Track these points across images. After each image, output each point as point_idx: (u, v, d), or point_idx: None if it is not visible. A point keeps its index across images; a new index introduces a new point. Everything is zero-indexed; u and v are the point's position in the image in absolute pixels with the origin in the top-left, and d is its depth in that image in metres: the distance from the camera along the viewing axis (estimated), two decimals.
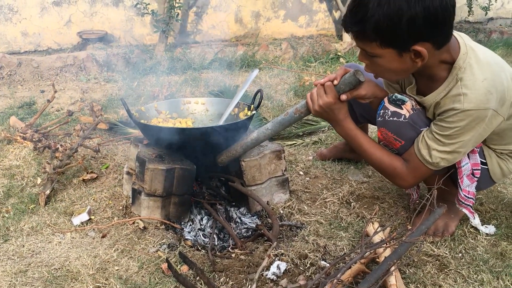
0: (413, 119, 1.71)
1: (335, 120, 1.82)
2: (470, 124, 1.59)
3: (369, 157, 1.84)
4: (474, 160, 1.79)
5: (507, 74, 1.64)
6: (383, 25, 1.47)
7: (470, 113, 1.57)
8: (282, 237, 1.92)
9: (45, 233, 1.97)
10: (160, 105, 2.34)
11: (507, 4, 6.39)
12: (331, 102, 1.75)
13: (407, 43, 1.52)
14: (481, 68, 1.59)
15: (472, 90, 1.56)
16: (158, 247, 1.86)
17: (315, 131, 3.08)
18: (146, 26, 5.09)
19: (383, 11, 1.46)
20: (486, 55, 1.65)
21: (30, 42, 4.82)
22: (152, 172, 1.94)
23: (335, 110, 1.78)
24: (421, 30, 1.48)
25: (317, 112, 1.81)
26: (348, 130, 1.83)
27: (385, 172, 1.84)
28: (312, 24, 5.78)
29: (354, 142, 1.85)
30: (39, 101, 3.72)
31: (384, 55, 1.57)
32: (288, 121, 1.93)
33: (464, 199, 1.81)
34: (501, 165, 1.85)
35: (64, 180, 2.41)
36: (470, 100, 1.56)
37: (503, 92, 1.60)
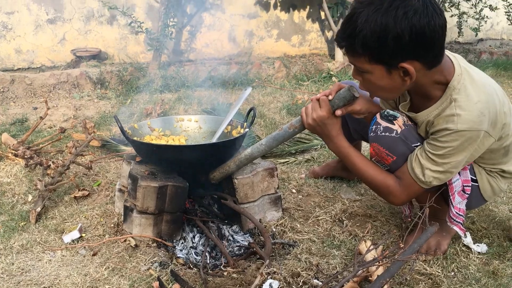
0: (404, 134, 1.72)
1: (328, 136, 1.83)
2: (463, 144, 1.61)
3: (362, 175, 1.85)
4: (465, 177, 1.80)
5: (499, 96, 1.67)
6: (370, 41, 1.50)
7: (464, 133, 1.59)
8: (274, 255, 1.91)
9: (35, 251, 1.95)
10: (153, 122, 2.34)
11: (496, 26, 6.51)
12: (324, 116, 1.77)
13: (394, 60, 1.54)
14: (475, 89, 1.61)
15: (466, 111, 1.58)
16: (149, 265, 1.85)
17: (308, 149, 3.09)
18: (140, 44, 5.12)
19: (371, 27, 1.48)
20: (480, 77, 1.68)
21: (23, 59, 4.83)
22: (144, 189, 1.93)
23: (328, 125, 1.80)
24: (407, 48, 1.50)
25: (311, 126, 1.82)
26: (341, 147, 1.85)
27: (378, 190, 1.85)
28: (304, 43, 5.84)
29: (347, 159, 1.86)
30: (32, 118, 3.71)
31: (373, 71, 1.60)
32: (283, 136, 1.94)
33: (455, 216, 1.82)
34: (491, 183, 1.86)
35: (56, 197, 2.39)
36: (463, 121, 1.58)
37: (495, 114, 1.63)
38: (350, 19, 1.55)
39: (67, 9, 4.84)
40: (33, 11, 4.74)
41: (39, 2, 4.74)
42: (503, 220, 2.19)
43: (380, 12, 1.47)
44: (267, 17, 5.61)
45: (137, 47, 5.15)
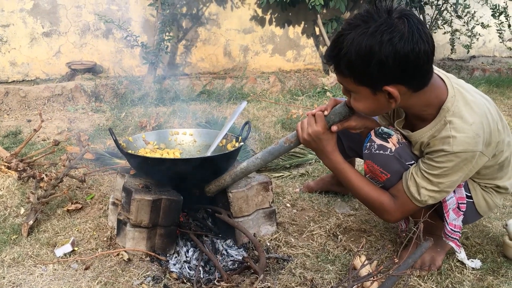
0: (399, 152, 1.73)
1: (323, 151, 1.84)
2: (458, 165, 1.63)
3: (357, 191, 1.85)
4: (460, 194, 1.80)
5: (493, 115, 1.69)
6: (355, 63, 1.52)
7: (459, 155, 1.61)
8: (269, 270, 1.90)
9: (27, 265, 1.92)
10: (147, 135, 2.34)
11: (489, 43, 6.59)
12: (319, 131, 1.79)
13: (378, 84, 1.55)
14: (469, 111, 1.62)
15: (461, 133, 1.59)
16: (142, 280, 1.83)
17: (302, 164, 3.09)
18: (136, 57, 5.14)
19: (355, 50, 1.49)
20: (473, 96, 1.69)
21: (18, 72, 4.83)
22: (138, 203, 1.92)
23: (323, 140, 1.81)
24: (391, 73, 1.51)
25: (306, 141, 1.83)
26: (335, 163, 1.85)
27: (372, 207, 1.85)
28: (299, 58, 5.89)
29: (341, 175, 1.87)
30: (25, 131, 3.70)
31: (359, 92, 1.61)
32: (278, 151, 1.94)
33: (451, 232, 1.82)
34: (486, 198, 1.87)
35: (48, 210, 2.37)
36: (459, 143, 1.59)
37: (490, 134, 1.65)
38: (337, 40, 1.55)
39: (63, 22, 4.86)
40: (28, 24, 4.76)
41: (35, 15, 4.76)
42: (497, 236, 2.19)
43: (365, 36, 1.47)
44: (262, 32, 5.65)
45: (133, 61, 5.16)
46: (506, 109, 4.49)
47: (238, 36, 5.55)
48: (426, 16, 5.66)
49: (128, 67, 5.16)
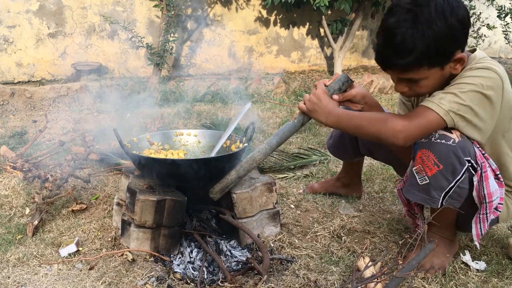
0: (460, 145, 1.66)
1: (325, 111, 1.83)
2: (485, 81, 1.61)
3: (361, 120, 1.77)
4: (501, 194, 1.77)
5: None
6: (430, 47, 1.58)
7: (482, 70, 1.63)
8: (272, 271, 1.90)
9: (32, 265, 1.93)
10: (152, 136, 2.35)
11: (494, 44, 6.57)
12: (319, 92, 1.84)
13: (450, 56, 1.63)
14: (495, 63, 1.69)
15: (485, 60, 1.68)
16: (146, 280, 1.84)
17: (307, 165, 3.09)
18: (141, 58, 5.15)
19: (423, 37, 1.56)
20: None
21: (24, 72, 4.85)
22: (142, 203, 1.93)
23: (323, 99, 1.83)
24: (458, 39, 1.62)
25: (309, 107, 1.86)
26: (338, 113, 1.82)
27: (376, 121, 1.72)
28: (304, 59, 5.89)
29: (345, 119, 1.81)
30: (31, 131, 3.72)
31: (430, 75, 1.66)
32: (283, 131, 1.93)
33: (484, 232, 1.81)
34: (508, 204, 1.86)
35: (53, 210, 2.39)
36: (488, 63, 1.65)
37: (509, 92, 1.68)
38: (403, 38, 1.59)
39: (68, 23, 4.88)
40: (34, 25, 4.78)
41: (40, 16, 4.78)
42: (502, 238, 2.18)
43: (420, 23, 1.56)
44: (267, 34, 5.66)
45: (137, 62, 5.18)
46: None
47: (242, 37, 5.56)
48: None
49: (133, 68, 5.17)
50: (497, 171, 1.76)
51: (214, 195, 2.04)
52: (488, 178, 1.71)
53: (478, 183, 1.72)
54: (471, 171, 1.71)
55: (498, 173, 1.76)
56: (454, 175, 1.69)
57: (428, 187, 1.74)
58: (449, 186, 1.71)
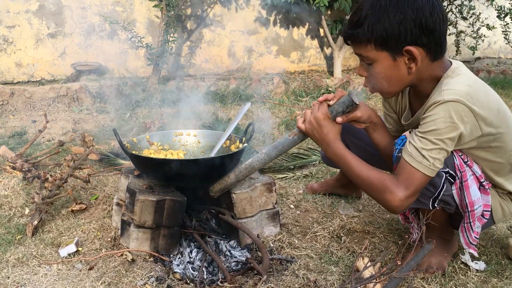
0: None
1: (324, 140, 1.76)
2: (451, 116, 1.56)
3: (357, 175, 1.73)
4: (486, 202, 1.76)
5: (495, 96, 1.71)
6: (377, 25, 1.57)
7: (451, 104, 1.55)
8: (272, 271, 1.90)
9: (31, 265, 1.93)
10: (152, 136, 2.35)
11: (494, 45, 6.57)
12: (320, 117, 1.74)
13: (399, 44, 1.57)
14: (469, 79, 1.64)
15: (454, 86, 1.58)
16: (146, 280, 1.84)
17: (306, 165, 3.09)
18: (140, 59, 5.15)
19: (376, 13, 1.56)
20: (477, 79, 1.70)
21: (23, 72, 4.85)
22: (142, 203, 1.93)
23: (324, 127, 1.75)
24: (412, 32, 1.55)
25: (308, 129, 1.78)
26: (337, 150, 1.76)
27: (373, 187, 1.68)
28: (304, 60, 5.89)
29: (342, 161, 1.76)
30: (30, 131, 3.72)
31: (379, 59, 1.62)
32: (282, 144, 1.90)
33: (474, 240, 1.80)
34: (503, 205, 1.85)
35: (53, 210, 2.39)
36: (451, 93, 1.56)
37: (487, 105, 1.61)
38: (357, 8, 1.63)
39: (68, 23, 4.88)
40: (34, 25, 4.78)
41: (40, 16, 4.78)
42: (502, 238, 2.18)
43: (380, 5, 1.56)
44: (267, 34, 5.66)
45: (137, 62, 5.18)
46: None
47: (242, 37, 5.56)
48: None
49: (133, 68, 5.17)
50: (482, 178, 1.74)
51: (214, 193, 2.07)
52: (469, 187, 1.71)
53: (460, 191, 1.74)
54: (450, 180, 1.71)
55: (482, 181, 1.75)
56: (434, 187, 1.71)
57: None
58: (434, 195, 1.73)
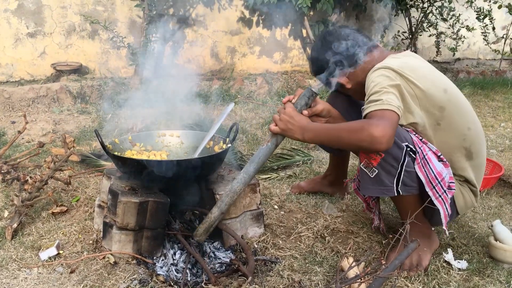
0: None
1: (300, 127, 1.85)
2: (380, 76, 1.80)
3: (339, 130, 1.80)
4: (449, 173, 1.85)
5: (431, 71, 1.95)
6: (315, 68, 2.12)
7: (380, 70, 1.83)
8: (256, 272, 1.90)
9: (11, 269, 1.89)
10: (134, 137, 2.32)
11: (473, 46, 6.66)
12: (290, 111, 1.87)
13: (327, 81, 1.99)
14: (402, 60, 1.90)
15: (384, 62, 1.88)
16: (129, 283, 1.81)
17: (290, 165, 3.09)
18: (122, 59, 5.10)
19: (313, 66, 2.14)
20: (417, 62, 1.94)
21: (2, 73, 4.76)
22: (124, 205, 1.90)
23: (295, 116, 1.86)
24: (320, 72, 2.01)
25: (282, 127, 1.88)
26: (314, 127, 1.87)
27: (355, 130, 1.73)
28: (286, 60, 5.89)
29: (323, 133, 1.85)
30: (9, 132, 3.65)
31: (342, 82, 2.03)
32: (258, 157, 1.89)
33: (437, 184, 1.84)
34: (464, 193, 1.96)
35: (33, 213, 2.34)
36: (379, 64, 1.87)
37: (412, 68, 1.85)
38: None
39: (48, 23, 4.81)
40: (13, 25, 4.69)
41: (19, 15, 4.70)
42: (483, 237, 2.21)
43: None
44: (250, 34, 5.65)
45: (119, 62, 5.12)
46: (491, 111, 4.55)
47: (225, 37, 5.54)
48: (412, 18, 5.71)
49: (114, 68, 5.11)
50: (438, 152, 1.86)
51: (199, 237, 1.91)
52: (431, 160, 1.81)
53: (423, 167, 1.80)
54: (412, 155, 1.79)
55: (440, 154, 1.85)
56: (397, 160, 1.79)
57: (379, 177, 1.83)
58: (397, 171, 1.80)
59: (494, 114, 4.47)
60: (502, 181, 2.84)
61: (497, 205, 2.56)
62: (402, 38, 5.78)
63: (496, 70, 6.11)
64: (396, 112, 1.70)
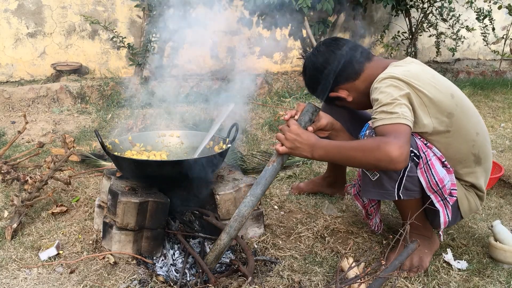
0: None
1: (309, 144, 1.78)
2: (388, 87, 1.76)
3: (351, 149, 1.74)
4: (452, 180, 1.82)
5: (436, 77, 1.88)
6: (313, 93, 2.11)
7: (386, 80, 1.78)
8: (256, 273, 1.90)
9: (11, 269, 1.89)
10: (134, 137, 2.32)
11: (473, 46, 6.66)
12: (295, 129, 1.80)
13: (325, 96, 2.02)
14: (405, 69, 1.85)
15: (388, 71, 1.85)
16: (128, 283, 1.81)
17: (290, 166, 3.09)
18: (122, 59, 5.10)
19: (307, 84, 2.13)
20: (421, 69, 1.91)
21: (2, 73, 4.76)
22: (124, 205, 1.90)
23: (303, 134, 1.79)
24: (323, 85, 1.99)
25: (289, 146, 1.80)
26: (324, 144, 1.79)
27: (369, 149, 1.68)
28: (286, 60, 5.90)
29: (334, 150, 1.78)
30: (9, 132, 3.65)
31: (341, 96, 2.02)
32: (265, 178, 1.81)
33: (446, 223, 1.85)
34: (468, 197, 1.92)
35: (33, 213, 2.34)
36: (384, 74, 1.82)
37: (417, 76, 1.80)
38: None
39: (48, 23, 4.81)
40: (13, 25, 4.69)
41: (19, 15, 4.70)
42: (483, 237, 2.21)
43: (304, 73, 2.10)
44: (250, 34, 5.65)
45: (119, 62, 5.12)
46: (491, 111, 4.55)
47: (225, 38, 5.54)
48: (412, 19, 5.71)
49: (115, 69, 5.11)
50: (443, 158, 1.82)
51: (210, 265, 1.84)
52: (435, 165, 1.78)
53: (425, 172, 1.77)
54: (415, 160, 1.77)
55: (444, 160, 1.82)
56: None
57: (380, 180, 1.80)
58: (399, 176, 1.77)
59: (494, 115, 4.47)
60: (502, 182, 2.84)
61: (497, 205, 2.56)
62: (402, 38, 5.78)
63: (496, 71, 6.11)
64: (409, 125, 1.68)
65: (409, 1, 5.45)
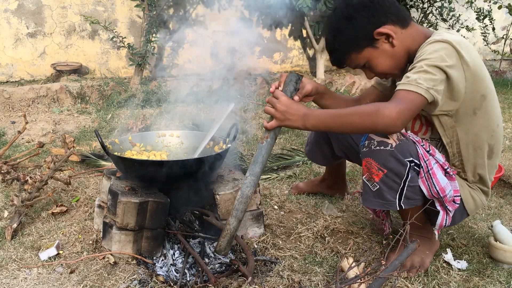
0: (398, 149, 1.72)
1: (300, 115, 1.72)
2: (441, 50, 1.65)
3: (348, 114, 1.69)
4: (454, 187, 1.82)
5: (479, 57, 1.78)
6: (342, 41, 1.79)
7: (439, 43, 1.67)
8: (256, 273, 1.89)
9: (10, 269, 1.89)
10: (134, 137, 2.32)
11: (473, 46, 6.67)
12: (285, 99, 1.73)
13: (368, 36, 1.76)
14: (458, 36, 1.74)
15: (443, 34, 1.71)
16: (128, 283, 1.81)
17: (290, 166, 3.09)
18: (122, 59, 5.10)
19: (336, 34, 1.81)
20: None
21: (2, 73, 4.76)
22: (124, 205, 1.90)
23: (292, 105, 1.73)
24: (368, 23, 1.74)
25: (280, 118, 1.73)
26: (317, 113, 1.73)
27: (367, 114, 1.64)
28: (286, 60, 5.90)
29: (328, 119, 1.73)
30: (9, 132, 3.65)
31: (367, 56, 1.79)
32: (260, 155, 1.78)
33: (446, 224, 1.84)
34: (473, 195, 1.91)
35: (33, 213, 2.34)
36: (439, 37, 1.69)
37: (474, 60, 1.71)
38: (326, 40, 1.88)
39: (48, 23, 4.81)
40: (13, 25, 4.70)
41: (19, 15, 4.70)
42: (483, 237, 2.21)
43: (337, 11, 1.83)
44: (250, 34, 5.65)
45: (119, 62, 5.12)
46: None
47: (225, 37, 5.53)
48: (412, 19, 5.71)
49: (115, 69, 5.12)
50: (445, 165, 1.80)
51: (224, 251, 1.78)
52: (436, 174, 1.76)
53: (427, 181, 1.77)
54: (416, 169, 1.76)
55: (446, 168, 1.80)
56: (399, 176, 1.75)
57: (380, 191, 1.78)
58: (400, 187, 1.76)
59: None
60: (502, 182, 2.84)
61: (497, 205, 2.56)
62: None
63: (496, 71, 6.11)
64: (422, 95, 1.61)
65: (409, 1, 5.44)
